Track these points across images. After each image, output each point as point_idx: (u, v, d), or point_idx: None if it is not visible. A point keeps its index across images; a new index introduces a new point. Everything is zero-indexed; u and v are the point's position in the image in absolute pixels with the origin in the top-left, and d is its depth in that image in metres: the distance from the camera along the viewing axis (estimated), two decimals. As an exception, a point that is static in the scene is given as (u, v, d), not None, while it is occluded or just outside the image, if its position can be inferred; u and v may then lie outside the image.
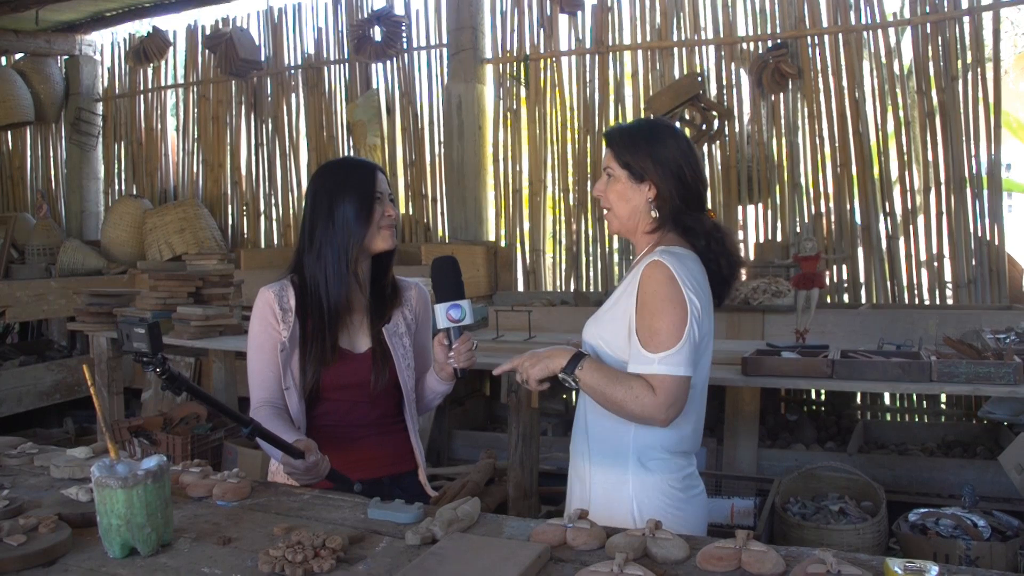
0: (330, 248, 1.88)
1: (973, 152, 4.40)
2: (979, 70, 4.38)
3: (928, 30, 4.46)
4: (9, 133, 7.35)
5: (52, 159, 7.31)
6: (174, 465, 1.73)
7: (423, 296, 2.09)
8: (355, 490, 1.71)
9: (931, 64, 4.47)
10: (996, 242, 4.36)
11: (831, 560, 1.12)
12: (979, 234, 4.40)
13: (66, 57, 6.94)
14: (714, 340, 1.79)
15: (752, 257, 4.77)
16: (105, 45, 7.02)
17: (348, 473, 1.77)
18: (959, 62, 4.41)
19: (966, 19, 4.40)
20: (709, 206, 1.85)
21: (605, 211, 1.82)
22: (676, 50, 5.04)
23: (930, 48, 4.47)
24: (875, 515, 2.74)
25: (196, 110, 6.55)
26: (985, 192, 4.38)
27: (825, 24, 4.66)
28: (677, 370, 1.61)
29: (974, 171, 4.39)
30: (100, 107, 7.01)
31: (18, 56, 6.88)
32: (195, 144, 6.57)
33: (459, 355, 1.80)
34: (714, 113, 4.83)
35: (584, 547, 1.25)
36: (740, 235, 4.92)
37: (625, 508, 1.69)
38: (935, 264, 4.51)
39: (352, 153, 5.93)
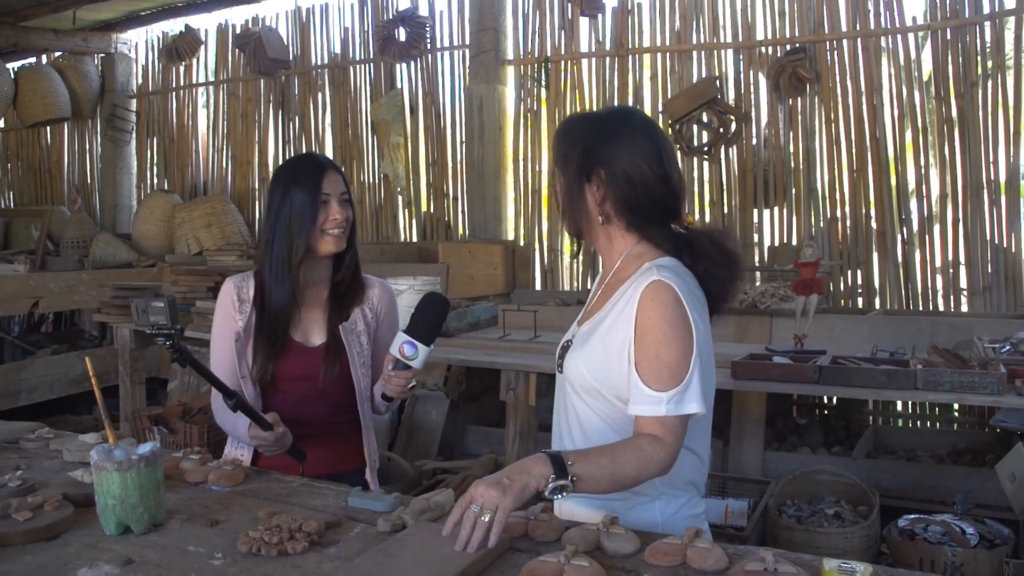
0: (276, 246, 1.91)
1: (992, 158, 4.38)
2: (999, 75, 4.36)
3: (948, 35, 4.44)
4: (47, 129, 7.60)
5: (87, 154, 7.55)
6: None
7: (387, 295, 2.08)
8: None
9: (951, 69, 4.45)
10: (1013, 249, 4.34)
11: (770, 559, 1.18)
12: (996, 241, 4.37)
13: (102, 55, 7.15)
14: (720, 343, 1.66)
15: (766, 261, 4.80)
16: (139, 43, 7.23)
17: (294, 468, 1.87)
18: (978, 67, 4.38)
19: (987, 24, 4.37)
20: (725, 210, 1.69)
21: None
22: (695, 53, 5.06)
23: (950, 53, 4.45)
24: (867, 519, 2.77)
25: (226, 107, 6.72)
26: (1003, 198, 4.35)
27: (844, 28, 4.66)
28: (688, 408, 1.41)
29: (992, 177, 4.37)
30: (134, 104, 7.21)
31: (57, 54, 7.10)
32: (224, 140, 6.75)
33: (390, 383, 1.79)
34: (731, 116, 4.85)
35: (542, 538, 1.33)
36: (755, 238, 4.94)
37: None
38: (950, 271, 4.49)
39: (376, 151, 6.05)
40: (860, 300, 4.66)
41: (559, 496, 1.30)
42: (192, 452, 1.81)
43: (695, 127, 4.95)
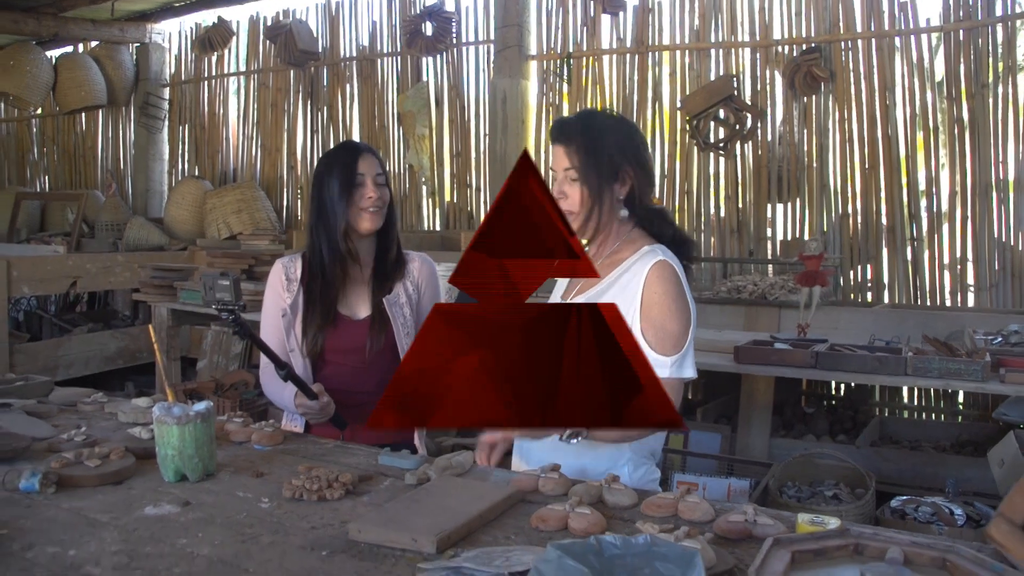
0: (323, 226, 2.08)
1: (1001, 158, 4.47)
2: (1010, 77, 4.45)
3: (961, 37, 4.54)
4: (83, 115, 7.85)
5: (121, 141, 7.78)
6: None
7: (427, 267, 2.24)
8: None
9: (962, 70, 4.54)
10: (1020, 247, 4.43)
11: (750, 511, 1.33)
12: (1003, 239, 4.47)
13: (137, 45, 7.35)
14: (729, 331, 1.91)
15: (778, 254, 4.92)
16: (173, 34, 7.43)
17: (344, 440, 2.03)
18: (990, 69, 4.47)
19: (999, 26, 4.46)
20: (739, 205, 1.96)
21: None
22: (713, 51, 5.18)
23: (962, 55, 4.54)
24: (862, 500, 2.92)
25: (256, 97, 6.91)
26: (1011, 197, 4.45)
27: (859, 29, 4.76)
28: (687, 372, 1.63)
29: (1001, 177, 4.47)
30: (167, 92, 7.42)
31: (94, 44, 7.33)
32: (254, 129, 6.95)
33: None
34: (747, 113, 4.97)
35: (551, 493, 1.49)
36: (769, 232, 5.06)
37: None
38: (958, 267, 4.60)
39: (402, 142, 6.22)
40: (869, 295, 4.78)
41: (574, 440, 1.51)
42: (235, 415, 1.99)
43: (712, 123, 5.08)
